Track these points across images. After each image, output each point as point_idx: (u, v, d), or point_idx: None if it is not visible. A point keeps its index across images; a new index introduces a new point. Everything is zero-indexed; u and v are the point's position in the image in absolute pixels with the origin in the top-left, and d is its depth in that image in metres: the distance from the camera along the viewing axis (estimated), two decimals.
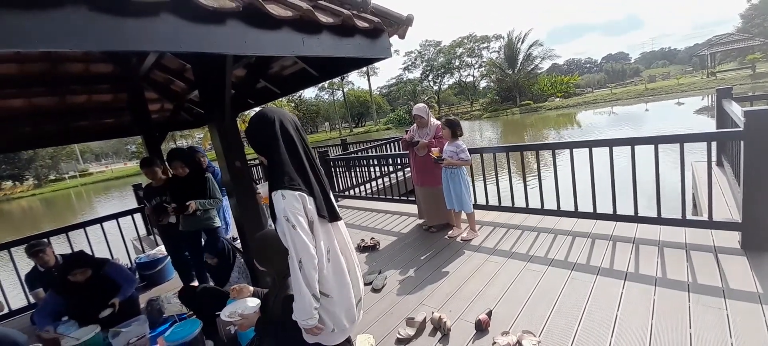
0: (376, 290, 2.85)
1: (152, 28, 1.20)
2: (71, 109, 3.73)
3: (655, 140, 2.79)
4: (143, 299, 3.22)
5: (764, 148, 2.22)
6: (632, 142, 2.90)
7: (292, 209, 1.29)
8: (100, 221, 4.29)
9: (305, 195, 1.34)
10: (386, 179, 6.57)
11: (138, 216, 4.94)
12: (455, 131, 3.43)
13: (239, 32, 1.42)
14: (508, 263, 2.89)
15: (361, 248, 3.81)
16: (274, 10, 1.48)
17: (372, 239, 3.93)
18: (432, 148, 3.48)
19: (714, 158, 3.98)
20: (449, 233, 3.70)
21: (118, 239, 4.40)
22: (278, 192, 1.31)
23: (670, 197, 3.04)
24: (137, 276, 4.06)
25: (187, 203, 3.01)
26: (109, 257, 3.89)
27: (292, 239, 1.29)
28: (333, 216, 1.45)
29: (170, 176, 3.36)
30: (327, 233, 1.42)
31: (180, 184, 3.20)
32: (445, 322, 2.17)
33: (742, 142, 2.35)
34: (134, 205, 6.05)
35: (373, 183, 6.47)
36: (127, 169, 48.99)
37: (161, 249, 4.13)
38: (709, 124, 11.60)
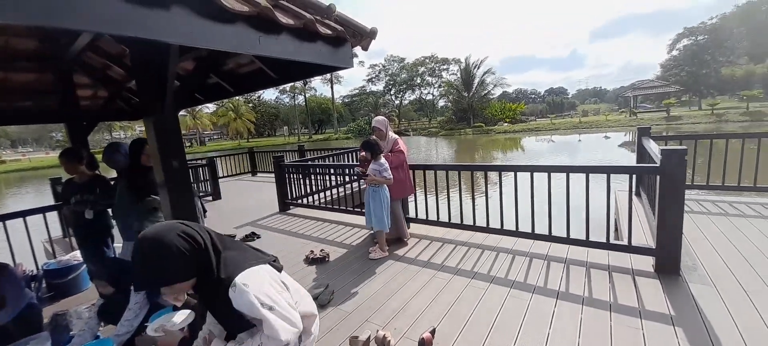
0: (322, 306, 2.75)
1: (83, 4, 1.07)
2: None
3: (587, 170, 3.07)
4: (47, 313, 2.77)
5: (676, 182, 2.54)
6: (567, 169, 3.16)
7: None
8: (2, 218, 3.67)
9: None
10: (340, 189, 6.48)
11: (52, 215, 4.31)
12: (375, 154, 3.52)
13: (186, 21, 1.32)
14: (454, 280, 2.95)
15: (310, 260, 3.68)
16: (229, 2, 1.40)
17: (322, 250, 3.81)
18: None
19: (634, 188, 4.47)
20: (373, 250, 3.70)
21: (25, 240, 3.79)
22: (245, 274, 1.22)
23: (598, 222, 3.35)
24: (44, 285, 3.51)
25: None
26: (11, 263, 3.34)
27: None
28: None
29: (97, 173, 2.99)
30: None
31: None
32: (390, 341, 2.14)
33: (658, 177, 2.66)
34: (51, 201, 5.33)
35: (327, 193, 6.34)
36: (49, 160, 43.07)
37: (76, 255, 3.61)
38: (630, 157, 13.14)
